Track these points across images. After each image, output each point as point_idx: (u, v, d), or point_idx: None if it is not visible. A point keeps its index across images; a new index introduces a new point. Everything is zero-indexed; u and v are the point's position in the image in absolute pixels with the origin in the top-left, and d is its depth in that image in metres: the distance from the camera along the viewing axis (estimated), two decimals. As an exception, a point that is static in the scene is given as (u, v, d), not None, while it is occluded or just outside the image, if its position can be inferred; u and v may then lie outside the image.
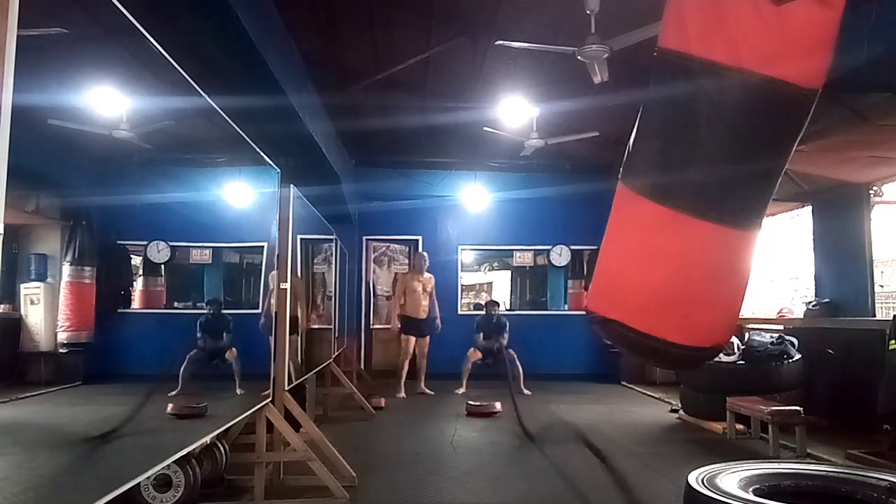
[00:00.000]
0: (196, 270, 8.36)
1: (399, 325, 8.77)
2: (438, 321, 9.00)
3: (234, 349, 5.52)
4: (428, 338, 8.88)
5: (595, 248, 10.68)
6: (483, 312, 9.42)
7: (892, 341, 4.87)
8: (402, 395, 8.46)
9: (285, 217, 4.25)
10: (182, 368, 5.40)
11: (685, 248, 2.92)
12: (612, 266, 3.18)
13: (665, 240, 2.94)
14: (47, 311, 5.67)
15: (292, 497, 4.04)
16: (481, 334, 8.96)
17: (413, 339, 8.73)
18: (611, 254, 3.20)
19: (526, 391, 8.59)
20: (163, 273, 8.27)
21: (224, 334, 5.87)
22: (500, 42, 5.49)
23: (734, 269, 3.01)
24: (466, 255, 11.72)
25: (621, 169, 3.10)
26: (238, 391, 5.11)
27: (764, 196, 2.94)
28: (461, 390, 8.55)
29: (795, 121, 2.80)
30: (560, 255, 10.71)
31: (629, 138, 3.06)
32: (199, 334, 5.85)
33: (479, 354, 8.85)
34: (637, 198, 2.97)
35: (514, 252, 11.30)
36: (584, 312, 3.39)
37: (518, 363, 8.75)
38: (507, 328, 9.02)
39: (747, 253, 3.01)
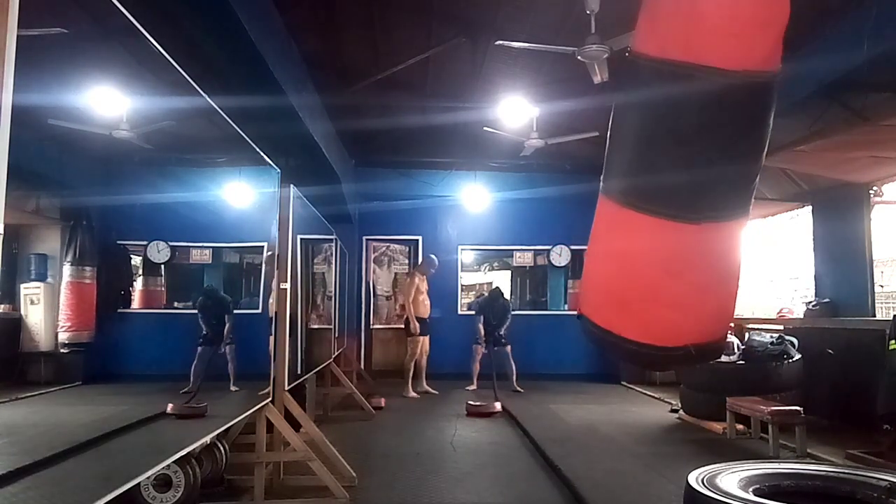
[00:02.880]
0: (196, 270, 8.36)
1: (418, 328, 8.70)
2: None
3: (232, 344, 5.52)
4: (428, 336, 8.91)
5: (595, 248, 10.71)
6: (485, 295, 9.34)
7: (892, 341, 4.87)
8: (414, 394, 8.43)
9: (285, 217, 4.25)
10: (193, 365, 5.40)
11: (633, 244, 2.95)
12: (587, 265, 3.41)
13: (616, 236, 3.05)
14: (47, 311, 5.67)
15: (292, 497, 4.04)
16: (482, 318, 8.83)
17: (421, 338, 8.73)
18: (587, 253, 3.44)
19: (518, 388, 8.61)
20: (163, 273, 8.27)
21: (225, 317, 5.86)
22: (500, 42, 5.48)
23: (691, 264, 2.89)
24: (466, 255, 11.71)
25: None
26: (232, 388, 5.11)
27: (719, 188, 2.80)
28: (472, 387, 8.50)
29: (733, 107, 2.66)
30: (560, 255, 10.71)
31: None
32: (199, 317, 5.86)
33: (483, 349, 8.77)
34: (601, 197, 3.11)
35: (514, 252, 11.30)
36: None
37: (512, 360, 8.76)
38: (510, 315, 8.95)
39: (708, 248, 2.87)
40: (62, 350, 5.62)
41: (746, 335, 7.15)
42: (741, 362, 6.45)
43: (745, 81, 2.56)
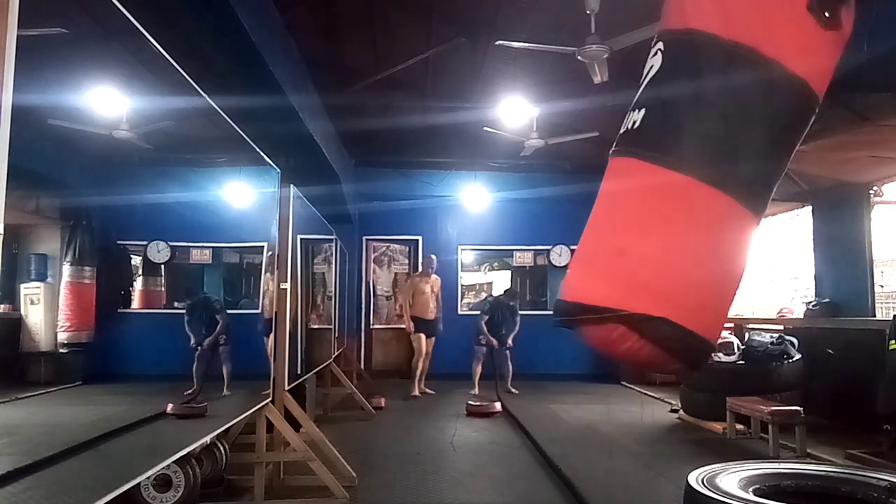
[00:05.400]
0: (196, 270, 8.36)
1: (412, 327, 8.64)
2: (441, 323, 8.95)
3: (227, 346, 5.51)
4: (434, 338, 8.80)
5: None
6: (498, 295, 9.21)
7: (892, 341, 4.87)
8: (416, 393, 8.41)
9: (285, 217, 4.25)
10: (194, 367, 5.40)
11: (743, 242, 2.90)
12: (657, 257, 2.86)
13: (728, 232, 2.86)
14: (47, 311, 5.67)
15: (292, 497, 4.04)
16: (486, 318, 8.65)
17: (424, 337, 8.62)
18: (652, 242, 2.89)
19: (513, 390, 8.56)
20: (163, 273, 8.27)
21: (216, 317, 5.84)
22: (500, 42, 5.48)
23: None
24: (466, 255, 11.71)
25: (652, 147, 2.90)
26: (224, 392, 5.10)
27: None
28: (475, 391, 8.39)
29: (807, 126, 2.98)
30: (560, 255, 10.70)
31: (669, 118, 2.93)
32: (186, 318, 5.85)
33: (484, 350, 8.63)
34: (695, 184, 2.79)
35: (514, 252, 11.30)
36: (593, 308, 2.85)
37: (510, 362, 8.71)
38: (518, 320, 8.82)
39: None
40: (61, 350, 5.62)
41: (746, 335, 7.15)
42: (741, 362, 6.45)
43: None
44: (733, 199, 2.79)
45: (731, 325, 8.27)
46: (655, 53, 3.01)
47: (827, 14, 2.78)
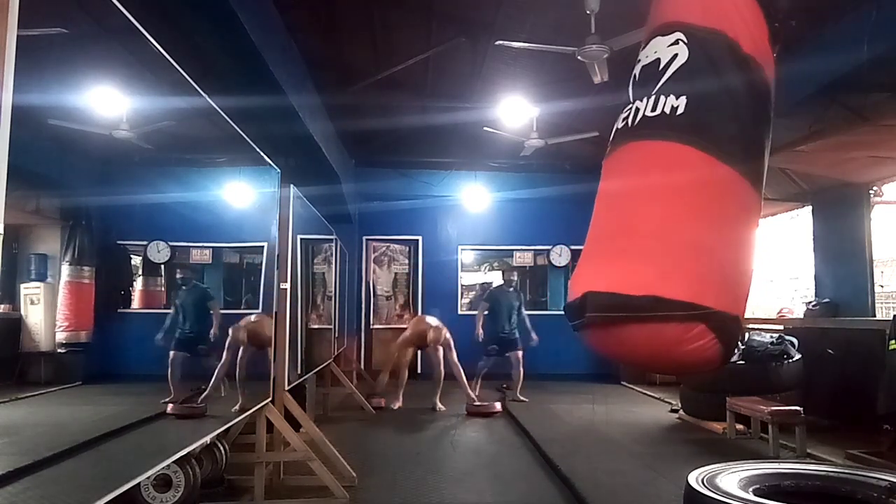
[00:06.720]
0: (196, 270, 8.35)
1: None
2: (460, 377, 7.56)
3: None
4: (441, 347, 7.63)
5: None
6: (499, 285, 8.62)
7: (892, 341, 4.87)
8: (440, 406, 7.56)
9: (285, 217, 4.25)
10: (169, 373, 5.29)
11: (755, 227, 3.12)
12: (729, 252, 2.85)
13: (756, 228, 3.09)
14: (47, 310, 5.67)
15: (292, 497, 4.04)
16: (486, 310, 8.03)
17: (411, 350, 7.81)
18: (723, 238, 2.85)
19: (522, 398, 8.02)
20: (163, 273, 8.26)
21: (210, 313, 5.75)
22: (500, 42, 5.49)
23: None
24: (466, 255, 11.71)
25: (707, 138, 2.92)
26: (222, 393, 5.05)
27: None
28: (474, 394, 7.89)
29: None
30: (560, 255, 10.71)
31: (720, 119, 3.06)
32: (176, 308, 5.74)
33: (492, 361, 8.11)
34: (739, 178, 2.93)
35: (514, 252, 11.30)
36: (679, 304, 2.67)
37: (521, 367, 8.22)
38: (519, 309, 8.20)
39: None
40: (61, 350, 5.61)
41: (746, 335, 7.14)
42: (741, 362, 6.44)
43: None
44: (759, 195, 3.05)
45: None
46: (675, 42, 3.09)
47: (775, 51, 3.24)
